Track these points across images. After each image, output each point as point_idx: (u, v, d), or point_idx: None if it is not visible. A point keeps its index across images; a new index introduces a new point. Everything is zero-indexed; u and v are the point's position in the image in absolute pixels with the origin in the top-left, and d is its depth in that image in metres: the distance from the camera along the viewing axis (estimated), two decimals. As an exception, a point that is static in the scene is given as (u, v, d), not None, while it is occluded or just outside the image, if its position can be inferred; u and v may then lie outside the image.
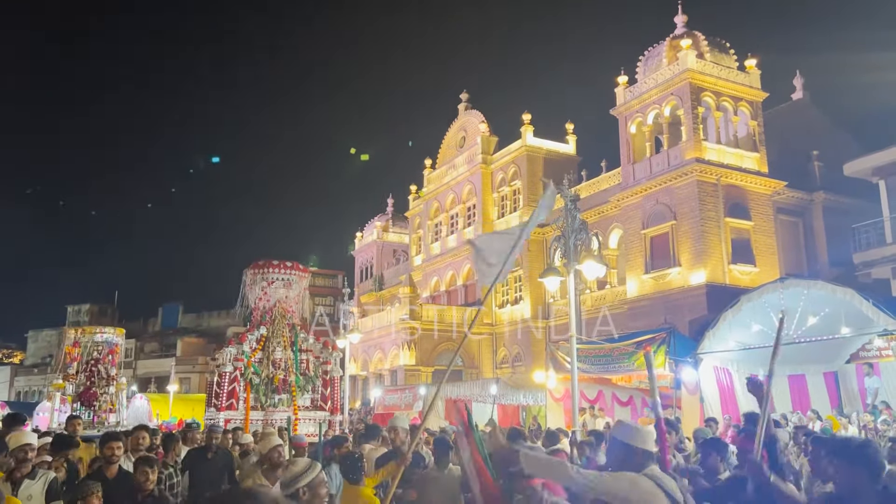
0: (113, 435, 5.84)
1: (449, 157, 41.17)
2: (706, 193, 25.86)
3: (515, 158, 35.91)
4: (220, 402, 10.61)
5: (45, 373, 53.39)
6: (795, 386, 15.99)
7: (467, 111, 40.45)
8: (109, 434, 5.89)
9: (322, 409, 11.04)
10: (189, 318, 67.52)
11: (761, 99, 28.04)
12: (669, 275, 26.40)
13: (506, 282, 35.48)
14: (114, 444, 5.53)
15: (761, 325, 13.57)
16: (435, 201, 41.49)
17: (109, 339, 16.14)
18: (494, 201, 37.06)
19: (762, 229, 26.65)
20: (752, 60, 28.29)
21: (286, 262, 11.43)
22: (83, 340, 15.74)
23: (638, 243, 27.89)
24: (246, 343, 10.89)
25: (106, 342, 16.02)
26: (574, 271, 10.69)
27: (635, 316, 26.18)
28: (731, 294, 19.15)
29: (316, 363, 11.33)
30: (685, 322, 22.72)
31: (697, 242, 25.55)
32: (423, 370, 33.18)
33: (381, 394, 26.70)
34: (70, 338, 16.16)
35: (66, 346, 16.04)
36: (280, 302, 11.33)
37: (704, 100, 26.97)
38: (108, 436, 5.75)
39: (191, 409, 25.92)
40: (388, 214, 50.79)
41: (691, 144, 26.28)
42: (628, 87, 29.35)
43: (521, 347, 33.43)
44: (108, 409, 15.02)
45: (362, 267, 50.40)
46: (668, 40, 28.38)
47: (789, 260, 26.99)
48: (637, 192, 27.96)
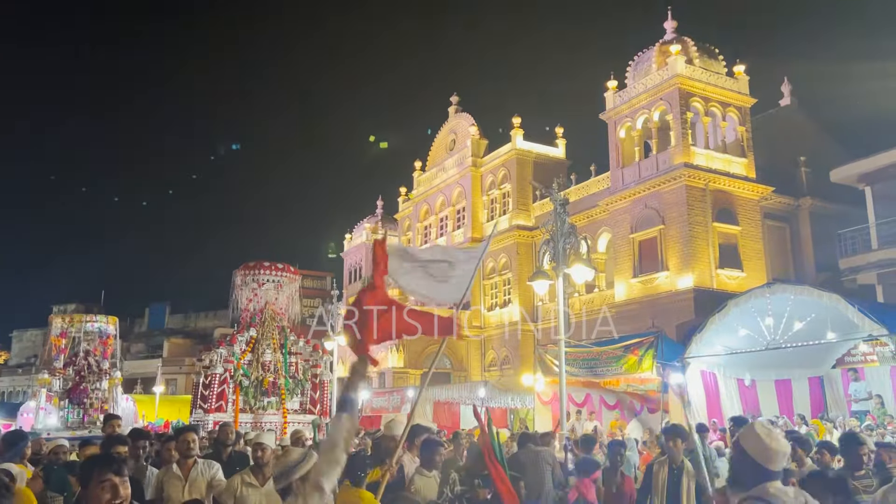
0: (191, 427, 6.08)
1: (439, 159, 41.21)
2: (694, 198, 26.02)
3: (505, 161, 36.00)
4: (209, 403, 10.56)
5: (31, 373, 52.89)
6: (782, 390, 16.13)
7: (458, 114, 40.51)
8: (185, 427, 6.08)
9: (311, 413, 11.02)
10: (176, 318, 67.17)
11: (749, 105, 28.26)
12: (657, 279, 26.54)
13: (495, 284, 35.57)
14: (189, 435, 5.57)
15: (748, 329, 13.66)
16: (424, 203, 41.51)
17: (102, 328, 14.29)
18: (484, 204, 37.12)
19: (749, 234, 26.85)
20: (740, 66, 28.52)
21: (277, 263, 11.39)
22: (71, 330, 13.94)
23: (626, 247, 28.02)
24: (236, 345, 10.86)
25: (98, 332, 14.19)
26: (563, 275, 10.73)
27: (623, 320, 26.22)
28: (718, 299, 19.27)
29: (305, 366, 11.31)
30: (672, 326, 22.83)
31: (685, 247, 25.70)
32: (411, 372, 33.18)
33: (368, 396, 26.68)
34: (57, 327, 14.05)
35: (52, 336, 14.03)
36: (270, 304, 11.31)
37: (693, 105, 27.15)
38: (185, 429, 5.90)
39: (177, 411, 25.77)
40: (377, 216, 50.70)
41: (680, 149, 26.44)
42: (618, 91, 29.50)
43: (510, 350, 33.49)
44: (99, 406, 13.13)
45: (351, 269, 50.28)
46: (657, 45, 28.56)
47: (776, 265, 27.20)
48: (626, 197, 28.09)
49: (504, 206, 35.85)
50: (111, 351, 14.45)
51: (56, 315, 13.73)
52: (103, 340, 14.30)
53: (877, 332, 11.46)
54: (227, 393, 10.82)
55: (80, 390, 13.13)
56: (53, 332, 14.05)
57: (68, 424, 11.89)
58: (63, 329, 13.85)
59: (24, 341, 67.23)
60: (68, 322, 14.00)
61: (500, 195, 36.26)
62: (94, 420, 12.77)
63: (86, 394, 13.13)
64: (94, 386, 13.40)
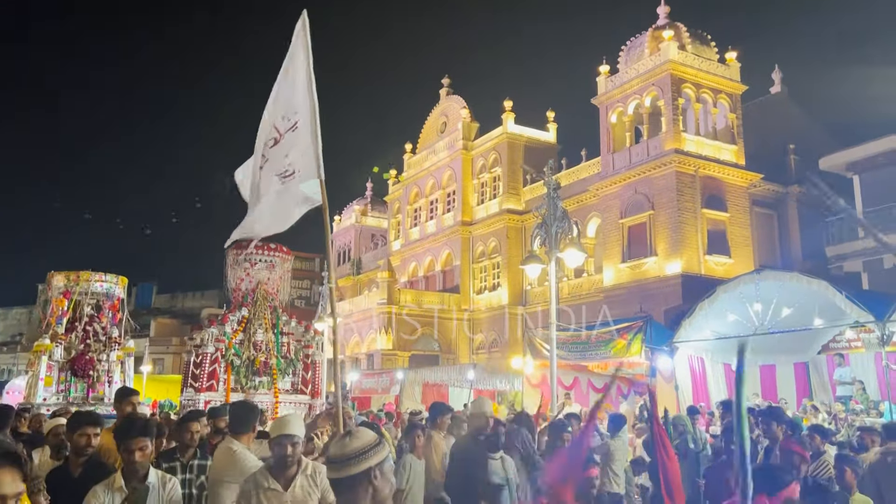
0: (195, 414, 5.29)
1: (429, 141, 41.10)
2: (684, 184, 26.14)
3: (496, 145, 35.96)
4: (199, 383, 10.54)
5: (16, 351, 52.58)
6: (766, 375, 16.35)
7: (449, 96, 40.36)
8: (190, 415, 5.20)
9: (303, 393, 11.03)
10: (163, 298, 66.91)
11: (740, 92, 28.34)
12: (646, 264, 26.70)
13: (483, 268, 35.67)
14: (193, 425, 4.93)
15: (737, 315, 13.82)
16: (415, 186, 41.44)
17: (110, 289, 12.10)
18: (475, 187, 37.11)
19: (738, 221, 27.03)
20: (732, 53, 28.56)
21: (270, 243, 11.32)
22: (76, 290, 11.73)
23: (615, 232, 28.14)
24: (227, 324, 10.82)
25: (106, 294, 12.04)
26: (555, 259, 10.79)
27: (611, 304, 26.37)
28: (705, 284, 19.45)
29: (297, 347, 11.30)
30: (660, 311, 23.03)
31: (674, 232, 25.84)
32: (400, 354, 33.28)
33: (358, 377, 26.78)
34: (58, 286, 11.75)
35: (53, 296, 11.72)
36: (262, 284, 11.26)
37: (685, 91, 27.20)
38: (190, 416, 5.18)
39: (165, 390, 25.75)
40: (367, 198, 50.64)
41: (671, 135, 26.51)
42: (610, 76, 29.50)
43: (498, 333, 33.64)
44: (106, 380, 11.31)
45: (340, 250, 50.23)
46: (650, 31, 28.54)
47: (763, 252, 27.41)
48: (616, 182, 28.17)
49: (494, 190, 35.87)
50: (120, 317, 12.36)
51: (57, 273, 11.75)
52: (112, 304, 12.18)
53: (864, 318, 11.62)
54: (218, 372, 10.77)
55: (85, 361, 11.12)
56: (53, 292, 11.77)
57: (70, 399, 10.46)
58: (66, 288, 11.69)
59: (10, 319, 66.80)
60: (73, 280, 11.76)
61: (490, 179, 36.26)
62: (99, 396, 11.08)
63: (91, 365, 11.19)
64: (101, 356, 11.39)
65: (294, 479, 3.85)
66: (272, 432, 3.94)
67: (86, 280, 11.74)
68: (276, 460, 3.88)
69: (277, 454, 3.87)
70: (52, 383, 10.68)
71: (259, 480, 3.82)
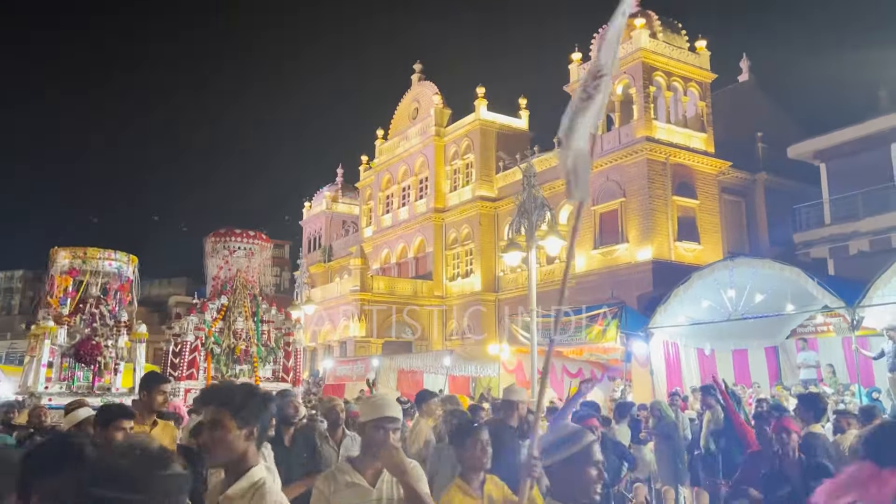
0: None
1: (401, 128, 40.91)
2: (655, 172, 26.45)
3: (469, 132, 35.94)
4: (179, 371, 10.46)
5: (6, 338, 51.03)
6: (738, 360, 16.69)
7: (421, 82, 40.17)
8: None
9: (284, 381, 11.01)
10: (129, 285, 65.68)
11: (710, 80, 28.71)
12: (617, 251, 27.00)
13: (456, 255, 35.74)
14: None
15: (711, 301, 14.07)
16: (387, 173, 41.27)
17: (121, 269, 10.99)
18: (447, 174, 37.08)
19: (707, 208, 27.45)
20: (702, 42, 28.89)
21: (248, 230, 11.24)
22: (84, 269, 10.61)
23: (587, 219, 28.35)
24: (207, 312, 10.74)
25: (116, 273, 10.96)
26: (535, 247, 10.88)
27: (583, 291, 26.68)
28: (676, 270, 19.75)
29: (278, 334, 11.27)
30: (633, 297, 23.33)
31: (645, 219, 26.16)
32: (373, 342, 33.25)
33: (332, 365, 26.70)
34: (63, 264, 10.56)
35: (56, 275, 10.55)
36: (241, 271, 11.18)
37: (656, 79, 27.45)
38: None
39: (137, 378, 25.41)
40: (337, 185, 50.29)
41: (642, 123, 26.77)
42: (582, 63, 29.63)
43: (471, 320, 33.76)
44: (113, 368, 10.37)
45: (310, 237, 49.88)
46: (622, 19, 28.67)
47: (732, 238, 27.90)
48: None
49: (467, 177, 35.88)
50: (130, 299, 11.33)
51: (61, 248, 10.71)
52: (122, 284, 11.16)
53: (835, 304, 11.92)
54: (198, 360, 10.71)
55: (91, 346, 10.12)
56: (57, 270, 10.61)
57: (73, 389, 9.80)
58: (72, 266, 10.58)
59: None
60: (81, 257, 10.64)
61: (463, 165, 36.25)
62: (106, 385, 10.24)
63: (98, 351, 10.17)
64: (108, 342, 10.43)
65: (383, 471, 3.17)
66: (363, 414, 3.26)
67: (94, 258, 10.71)
68: (367, 449, 3.22)
69: (373, 440, 3.17)
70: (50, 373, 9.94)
71: (337, 476, 3.21)
